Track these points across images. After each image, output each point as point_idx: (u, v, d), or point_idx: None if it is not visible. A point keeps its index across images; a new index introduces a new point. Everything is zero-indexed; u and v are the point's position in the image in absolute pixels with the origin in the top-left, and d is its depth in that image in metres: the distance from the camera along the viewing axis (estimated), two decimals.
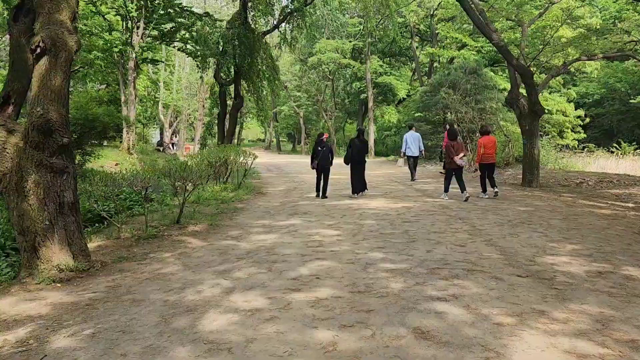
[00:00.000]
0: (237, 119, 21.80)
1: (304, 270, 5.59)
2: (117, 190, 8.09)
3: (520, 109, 13.52)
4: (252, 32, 18.42)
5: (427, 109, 24.97)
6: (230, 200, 12.19)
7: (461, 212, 9.40)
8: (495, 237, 7.16)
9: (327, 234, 7.73)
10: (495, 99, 21.95)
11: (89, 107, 13.08)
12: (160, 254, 6.82)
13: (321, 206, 10.75)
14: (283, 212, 10.17)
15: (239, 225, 8.76)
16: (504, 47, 12.61)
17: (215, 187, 13.31)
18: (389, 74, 34.18)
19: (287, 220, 9.16)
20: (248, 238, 7.65)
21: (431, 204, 10.64)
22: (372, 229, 7.93)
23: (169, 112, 44.17)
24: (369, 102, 32.71)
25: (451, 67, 24.69)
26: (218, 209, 10.68)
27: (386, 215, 9.28)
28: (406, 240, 7.02)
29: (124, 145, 20.91)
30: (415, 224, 8.32)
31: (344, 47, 32.40)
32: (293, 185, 15.76)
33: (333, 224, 8.52)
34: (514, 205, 10.25)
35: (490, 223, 8.27)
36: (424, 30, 35.48)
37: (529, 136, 13.46)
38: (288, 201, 11.90)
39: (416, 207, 10.10)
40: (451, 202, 10.87)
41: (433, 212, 9.53)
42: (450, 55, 30.07)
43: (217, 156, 12.99)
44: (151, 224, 9.09)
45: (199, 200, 12.25)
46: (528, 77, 12.74)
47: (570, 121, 34.81)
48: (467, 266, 5.51)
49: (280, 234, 7.89)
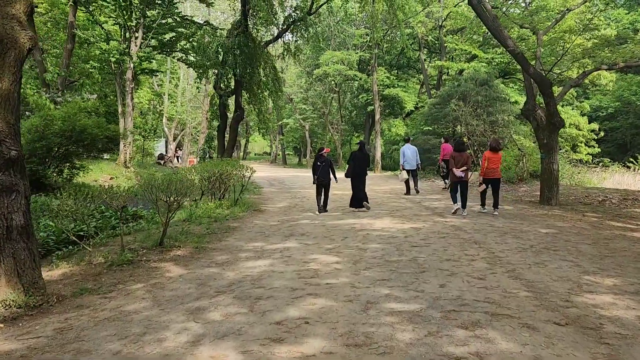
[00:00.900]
0: (238, 131, 20.96)
1: (292, 311, 4.64)
2: (87, 208, 7.18)
3: (537, 120, 12.56)
4: (254, 41, 17.67)
5: (436, 122, 24.06)
6: (224, 219, 11.30)
7: (476, 235, 8.42)
8: (518, 267, 6.17)
9: (324, 260, 6.77)
10: (508, 112, 20.99)
11: (77, 118, 12.29)
12: (131, 285, 5.91)
13: (321, 226, 9.80)
14: (279, 232, 9.23)
15: (227, 249, 7.83)
16: (520, 54, 11.71)
17: (210, 204, 12.43)
18: (396, 86, 33.33)
19: (282, 242, 8.22)
20: (235, 265, 6.71)
21: (442, 224, 9.66)
22: (375, 255, 6.97)
23: (174, 125, 43.60)
24: (376, 115, 31.83)
25: (461, 78, 23.81)
26: (209, 229, 9.78)
27: (392, 237, 8.32)
28: (415, 270, 6.05)
29: (120, 158, 20.15)
30: (425, 249, 7.35)
31: (350, 59, 31.63)
32: (294, 202, 14.85)
33: (332, 248, 7.56)
34: (534, 227, 9.25)
35: (510, 249, 7.28)
36: (432, 42, 34.73)
37: (547, 150, 12.48)
38: (286, 220, 10.98)
39: (426, 229, 9.13)
40: (464, 222, 9.88)
41: (445, 234, 8.56)
42: (459, 68, 29.23)
43: (211, 170, 12.11)
44: (131, 245, 8.21)
45: (191, 217, 11.40)
46: (546, 87, 11.80)
47: (584, 135, 33.74)
48: (490, 308, 4.54)
49: (272, 260, 6.95)
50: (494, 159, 10.95)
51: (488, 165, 10.92)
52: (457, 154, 10.93)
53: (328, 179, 11.67)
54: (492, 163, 10.94)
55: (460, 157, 10.87)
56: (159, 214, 8.21)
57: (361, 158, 12.01)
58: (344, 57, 31.49)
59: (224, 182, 12.38)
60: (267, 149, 75.14)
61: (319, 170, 11.59)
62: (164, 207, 8.13)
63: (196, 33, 19.67)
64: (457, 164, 10.83)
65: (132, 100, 20.22)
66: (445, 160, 15.98)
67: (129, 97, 19.95)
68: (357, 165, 11.88)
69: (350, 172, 11.93)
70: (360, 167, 11.86)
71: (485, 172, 11.00)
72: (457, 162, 10.84)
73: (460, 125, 21.87)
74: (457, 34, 33.61)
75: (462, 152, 10.99)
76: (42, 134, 12.00)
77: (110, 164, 20.32)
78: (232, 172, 12.45)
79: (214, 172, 12.13)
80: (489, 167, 10.92)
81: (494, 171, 10.99)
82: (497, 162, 10.98)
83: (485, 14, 11.76)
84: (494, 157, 10.97)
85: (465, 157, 10.88)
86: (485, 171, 10.98)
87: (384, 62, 36.70)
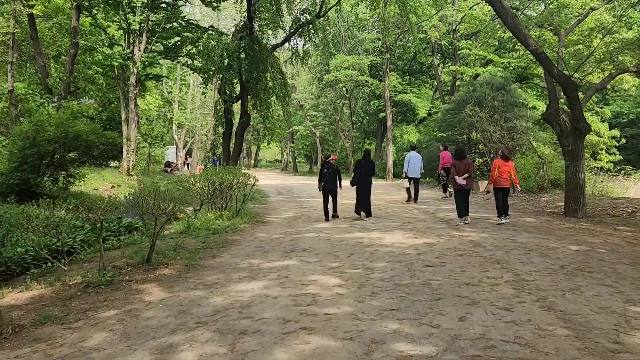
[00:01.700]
0: (244, 138, 20.28)
1: (279, 353, 3.84)
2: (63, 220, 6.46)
3: (561, 126, 11.65)
4: (259, 45, 17.00)
5: (450, 128, 23.12)
6: (224, 231, 10.57)
7: (498, 253, 7.54)
8: (550, 293, 5.31)
9: (325, 283, 5.97)
10: (526, 117, 20.01)
11: (69, 124, 11.66)
12: (103, 312, 5.17)
13: (326, 240, 9.00)
14: (280, 248, 8.45)
15: (220, 267, 7.06)
16: (542, 53, 10.83)
17: (210, 215, 11.70)
18: (408, 92, 32.46)
19: (281, 259, 7.43)
20: (224, 288, 5.94)
21: (458, 239, 8.80)
22: (384, 277, 6.14)
23: (183, 132, 43.17)
24: (388, 122, 30.98)
25: (476, 83, 22.87)
26: (205, 243, 9.04)
27: (403, 255, 7.48)
28: (429, 298, 5.21)
29: (123, 166, 19.57)
30: (440, 269, 6.50)
31: (361, 63, 30.84)
32: (300, 212, 14.07)
33: (336, 268, 6.75)
34: (562, 243, 8.34)
35: (538, 270, 6.41)
36: (446, 46, 33.85)
37: (572, 158, 11.56)
38: (290, 232, 10.19)
39: (440, 245, 8.28)
40: (483, 237, 9.01)
41: (462, 251, 7.70)
42: (474, 72, 28.29)
43: (210, 180, 11.39)
44: (116, 262, 7.51)
45: (188, 229, 10.70)
46: (571, 89, 10.90)
47: (604, 142, 32.54)
48: (522, 352, 3.70)
49: (268, 281, 6.17)
50: (504, 168, 10.64)
51: (499, 174, 10.60)
52: (458, 162, 10.67)
53: (335, 186, 11.60)
54: (503, 172, 10.63)
55: (462, 164, 10.59)
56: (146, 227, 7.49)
57: (366, 166, 11.85)
58: (355, 62, 30.72)
59: (224, 192, 11.64)
60: (279, 157, 74.54)
61: (326, 177, 11.54)
62: (154, 221, 7.41)
63: (202, 37, 19.08)
64: (458, 172, 10.55)
65: (136, 106, 19.67)
66: (445, 168, 15.95)
67: (132, 103, 19.39)
68: (362, 173, 11.75)
69: (356, 180, 11.77)
70: (365, 176, 11.72)
71: (495, 180, 10.68)
72: (459, 169, 10.56)
73: (476, 132, 20.94)
74: (472, 38, 32.72)
75: (462, 159, 10.71)
76: (33, 140, 11.40)
77: (114, 171, 19.75)
78: (232, 181, 11.71)
79: (213, 182, 11.40)
80: (500, 175, 10.61)
81: (505, 180, 10.67)
82: (508, 172, 10.68)
83: (504, 11, 10.93)
84: (505, 166, 10.65)
85: (466, 165, 10.61)
86: (496, 180, 10.66)
87: (396, 67, 35.88)
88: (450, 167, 16.55)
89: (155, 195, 7.35)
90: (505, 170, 10.62)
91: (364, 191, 11.71)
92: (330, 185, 11.54)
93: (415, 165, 14.89)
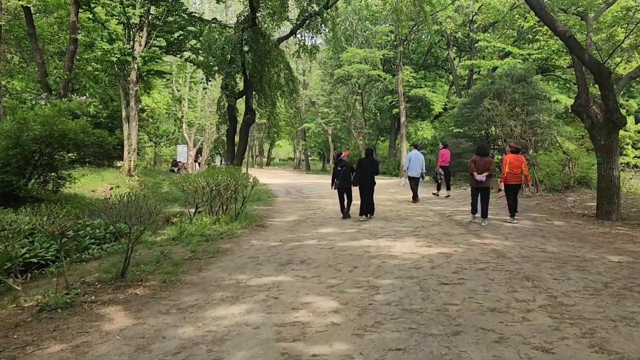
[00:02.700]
0: (249, 135, 19.36)
1: None
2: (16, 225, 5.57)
3: (592, 118, 10.48)
4: (264, 37, 16.03)
5: (468, 123, 21.93)
6: (218, 238, 9.66)
7: (526, 266, 6.47)
8: (598, 325, 4.25)
9: (320, 307, 4.98)
10: (549, 111, 18.74)
11: (55, 122, 10.84)
12: (46, 347, 4.26)
13: (328, 249, 8.00)
14: (275, 259, 7.48)
15: (203, 284, 6.12)
16: (571, 37, 9.67)
17: (205, 219, 10.79)
18: (422, 86, 31.23)
19: (274, 274, 6.47)
20: (201, 312, 4.99)
21: (479, 248, 7.72)
22: (390, 299, 5.13)
23: (193, 131, 42.47)
24: (401, 117, 29.82)
25: (495, 75, 21.62)
26: (194, 252, 8.12)
27: (415, 268, 6.45)
28: (445, 331, 4.19)
29: (124, 166, 18.80)
30: (459, 288, 5.47)
31: (373, 57, 29.66)
32: (307, 214, 13.10)
33: (335, 286, 5.76)
34: (600, 253, 7.23)
35: (577, 289, 5.34)
36: (462, 39, 32.53)
37: (605, 153, 10.39)
38: (290, 239, 9.23)
39: (458, 255, 7.22)
40: (508, 245, 7.92)
41: (484, 264, 6.63)
42: (492, 65, 26.98)
43: (205, 181, 10.47)
44: (87, 277, 6.61)
45: (180, 235, 9.84)
46: (604, 77, 9.72)
47: (630, 136, 30.99)
48: None
49: (253, 303, 5.20)
50: (515, 163, 10.16)
51: (510, 170, 10.15)
52: (479, 158, 10.07)
53: (349, 184, 11.34)
54: (514, 167, 10.16)
55: (482, 161, 10.01)
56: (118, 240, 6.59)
57: (368, 165, 11.22)
58: (367, 56, 29.57)
59: (220, 194, 10.71)
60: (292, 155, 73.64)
61: (340, 175, 11.28)
62: (128, 232, 6.50)
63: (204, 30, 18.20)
64: (477, 169, 9.99)
65: (137, 103, 18.87)
66: (442, 166, 15.61)
67: (133, 101, 18.60)
68: (364, 173, 11.12)
69: (357, 180, 11.16)
70: (367, 175, 11.11)
71: (506, 177, 10.21)
72: (479, 166, 9.99)
73: (495, 127, 19.73)
74: (489, 30, 31.37)
75: (484, 156, 10.10)
76: (17, 139, 10.60)
77: (114, 172, 18.99)
78: (230, 182, 10.77)
79: (208, 183, 10.48)
80: (511, 171, 10.16)
81: (516, 176, 10.21)
82: (519, 167, 10.20)
83: None
84: (516, 161, 10.18)
85: (487, 162, 10.02)
86: (507, 176, 10.19)
87: (410, 61, 34.67)
88: (446, 166, 16.14)
89: (129, 202, 6.43)
90: (517, 165, 10.13)
91: (366, 192, 11.14)
92: (344, 184, 11.27)
93: (415, 164, 14.47)
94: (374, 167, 11.39)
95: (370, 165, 11.20)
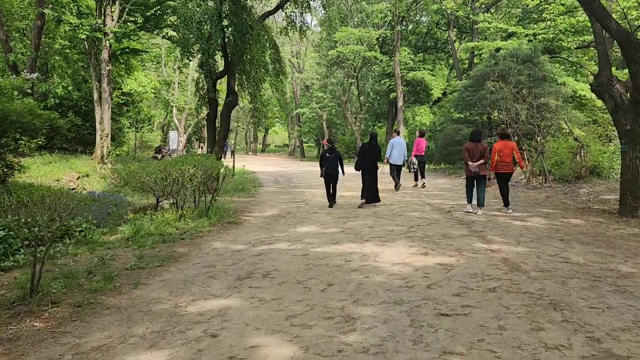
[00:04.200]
0: (230, 120, 17.85)
1: None
2: None
3: (615, 99, 9.01)
4: (244, 9, 14.44)
5: (469, 108, 20.44)
6: (179, 238, 8.27)
7: (549, 285, 5.03)
8: None
9: (268, 357, 3.55)
10: (558, 94, 17.24)
11: None
12: None
13: (302, 256, 6.56)
14: (235, 269, 6.05)
15: (128, 310, 4.69)
16: (595, 1, 8.15)
17: (167, 215, 9.34)
18: (421, 69, 29.61)
19: (225, 294, 5.04)
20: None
21: (486, 257, 6.28)
22: (368, 343, 3.69)
23: (184, 116, 40.82)
24: (399, 102, 28.26)
25: (499, 56, 20.06)
26: (140, 258, 6.71)
27: (406, 288, 5.02)
28: None
29: (96, 153, 17.31)
30: (463, 322, 4.03)
31: (369, 37, 27.96)
32: (289, 208, 11.68)
33: (297, 316, 4.32)
34: (636, 263, 5.80)
35: (625, 325, 3.91)
36: (463, 19, 30.81)
37: (631, 139, 8.92)
38: (261, 240, 7.80)
39: (461, 267, 5.78)
40: (522, 253, 6.48)
41: (494, 280, 5.20)
42: (495, 47, 25.34)
43: (163, 171, 9.00)
44: None
45: (135, 235, 8.43)
46: (634, 49, 8.21)
47: None
48: None
49: (177, 350, 3.77)
50: (505, 151, 9.79)
51: (500, 158, 9.80)
52: (473, 145, 9.62)
53: (337, 172, 11.13)
54: (504, 155, 9.79)
55: (476, 148, 9.57)
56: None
57: (371, 151, 11.16)
58: (363, 36, 27.89)
59: (183, 187, 9.26)
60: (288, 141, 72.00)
61: (328, 161, 11.01)
62: (36, 243, 5.07)
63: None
64: (472, 157, 9.54)
65: (110, 84, 17.29)
66: (417, 155, 15.18)
67: (105, 82, 17.02)
68: (367, 159, 11.03)
69: (359, 165, 11.12)
70: (370, 161, 11.01)
71: (496, 165, 9.90)
72: (473, 154, 9.55)
73: (498, 111, 18.23)
74: (491, 9, 29.66)
75: (478, 142, 9.67)
76: None
77: (86, 159, 17.49)
78: (196, 172, 9.30)
79: (169, 174, 9.01)
80: (501, 159, 9.80)
81: (506, 164, 9.86)
82: (509, 155, 9.83)
83: None
84: (505, 148, 9.81)
85: (482, 149, 9.59)
86: (497, 164, 9.87)
87: (408, 43, 32.98)
88: (421, 155, 15.28)
89: (37, 201, 4.98)
90: (507, 153, 9.77)
91: (369, 178, 10.98)
92: (333, 170, 11.05)
93: (399, 151, 14.05)
94: (377, 153, 11.41)
95: (373, 152, 11.16)
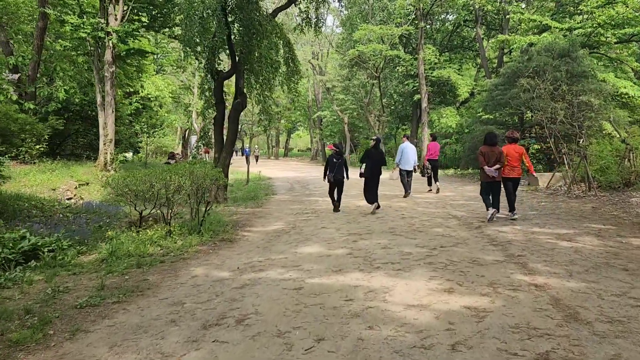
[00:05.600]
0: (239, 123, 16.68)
1: None
2: None
3: None
4: (250, 3, 13.26)
5: (499, 108, 18.82)
6: (158, 261, 7.10)
7: (625, 347, 3.59)
8: None
9: None
10: (601, 92, 15.52)
11: None
12: None
13: (293, 291, 5.25)
14: (204, 310, 4.78)
15: None
16: None
17: (151, 231, 8.18)
18: (446, 67, 27.98)
19: (177, 353, 3.77)
20: None
21: (530, 296, 4.84)
22: None
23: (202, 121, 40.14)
24: (423, 103, 26.72)
25: (532, 50, 18.37)
26: (99, 290, 5.55)
27: (421, 349, 3.64)
28: None
29: (99, 159, 16.40)
30: None
31: (391, 35, 26.50)
32: (297, 220, 10.42)
33: None
34: None
35: None
36: (492, 15, 29.07)
37: None
38: (252, 266, 6.53)
39: (497, 313, 4.36)
40: (578, 289, 5.00)
41: (546, 339, 3.77)
42: (527, 42, 23.58)
43: (145, 182, 7.83)
44: None
45: (111, 256, 7.28)
46: None
47: None
48: None
49: None
50: (514, 155, 9.51)
51: (507, 162, 9.45)
52: (488, 149, 9.24)
53: (343, 177, 11.21)
54: (513, 159, 9.50)
55: (492, 152, 9.20)
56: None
57: (377, 156, 11.11)
58: (384, 33, 26.47)
59: (169, 200, 8.07)
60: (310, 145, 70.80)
61: (336, 167, 11.03)
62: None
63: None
64: (487, 161, 9.16)
65: (113, 87, 16.37)
66: (430, 160, 14.77)
67: (108, 84, 16.11)
68: (373, 164, 10.94)
69: (367, 171, 10.96)
70: (376, 168, 10.96)
71: (504, 170, 9.42)
72: (488, 158, 9.17)
73: (532, 111, 16.59)
74: (522, 3, 27.85)
75: (493, 146, 9.28)
76: None
77: (89, 167, 16.60)
78: (185, 184, 8.10)
79: (153, 185, 7.83)
80: (509, 163, 9.48)
81: (514, 169, 9.54)
82: (517, 159, 9.52)
83: None
84: (514, 152, 9.51)
85: (497, 153, 9.23)
86: (504, 169, 9.43)
87: (433, 42, 31.39)
88: (435, 159, 14.77)
89: None
90: (515, 157, 9.47)
91: (374, 182, 10.97)
92: (339, 176, 11.10)
93: (409, 156, 13.69)
94: (382, 158, 11.35)
95: (378, 157, 11.12)
